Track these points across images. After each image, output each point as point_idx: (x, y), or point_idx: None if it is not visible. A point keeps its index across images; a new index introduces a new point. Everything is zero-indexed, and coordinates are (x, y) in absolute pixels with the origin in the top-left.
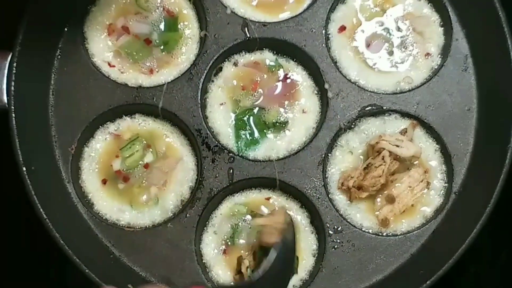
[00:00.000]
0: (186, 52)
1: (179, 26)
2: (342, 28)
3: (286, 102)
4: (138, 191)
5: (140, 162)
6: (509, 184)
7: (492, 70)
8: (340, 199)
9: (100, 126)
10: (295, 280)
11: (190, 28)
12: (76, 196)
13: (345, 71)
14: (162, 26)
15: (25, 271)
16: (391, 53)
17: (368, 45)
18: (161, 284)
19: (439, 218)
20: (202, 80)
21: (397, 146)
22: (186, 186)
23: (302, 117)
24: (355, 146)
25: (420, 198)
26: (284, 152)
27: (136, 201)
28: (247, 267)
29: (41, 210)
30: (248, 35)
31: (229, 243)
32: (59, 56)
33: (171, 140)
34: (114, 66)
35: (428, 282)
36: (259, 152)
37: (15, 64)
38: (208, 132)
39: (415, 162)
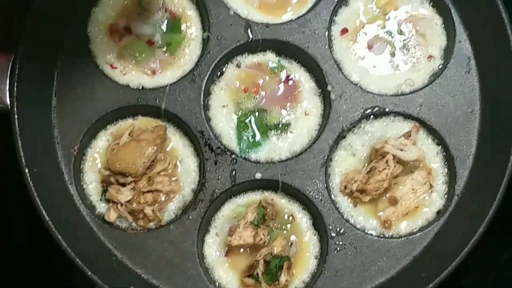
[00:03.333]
0: (189, 54)
1: (182, 28)
2: (345, 31)
3: (288, 104)
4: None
5: None
6: None
7: (495, 72)
8: (342, 201)
9: (103, 128)
10: (297, 282)
11: (192, 30)
12: (78, 198)
13: (348, 73)
14: (164, 27)
15: (27, 272)
16: (393, 55)
17: (370, 47)
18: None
19: (442, 221)
20: (204, 81)
21: (401, 150)
22: (189, 188)
23: (304, 119)
24: (358, 148)
25: (423, 200)
26: (286, 154)
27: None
28: (262, 273)
29: (44, 212)
30: (251, 37)
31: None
32: (62, 58)
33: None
34: (116, 68)
35: (431, 285)
36: (262, 154)
37: (18, 66)
38: (211, 133)
39: (419, 165)
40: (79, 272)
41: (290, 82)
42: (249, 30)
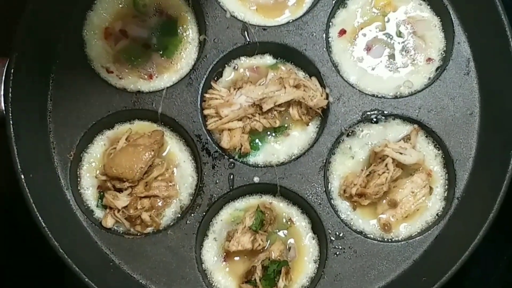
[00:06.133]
0: (186, 57)
1: (178, 30)
2: (343, 32)
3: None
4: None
5: None
6: None
7: (495, 74)
8: (341, 205)
9: (99, 132)
10: (296, 287)
11: (189, 32)
12: (75, 203)
13: (346, 75)
14: (160, 30)
15: (23, 278)
16: (392, 57)
17: (368, 49)
18: None
19: (442, 224)
20: (201, 85)
21: (401, 153)
22: (186, 193)
23: (302, 122)
24: (356, 151)
25: (422, 203)
26: (284, 157)
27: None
28: (260, 278)
29: (40, 218)
30: (248, 39)
31: None
32: (57, 62)
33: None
34: (112, 72)
35: None
36: (260, 157)
37: (12, 71)
38: (208, 137)
39: (418, 168)
40: (75, 277)
41: None
42: (246, 33)
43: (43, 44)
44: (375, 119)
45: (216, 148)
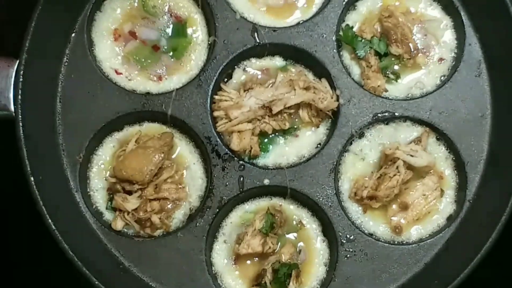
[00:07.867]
0: (195, 58)
1: (187, 32)
2: None
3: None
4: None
5: None
6: None
7: (506, 76)
8: (352, 207)
9: (108, 134)
10: None
11: (198, 34)
12: (84, 205)
13: (357, 77)
14: (170, 32)
15: (32, 281)
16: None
17: None
18: None
19: (453, 227)
20: (211, 86)
21: (412, 156)
22: (195, 195)
23: (313, 124)
24: (367, 153)
25: (434, 206)
26: (294, 159)
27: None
28: (270, 281)
29: (50, 221)
30: (257, 41)
31: None
32: (66, 63)
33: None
34: (121, 73)
35: None
36: (269, 159)
37: (22, 72)
38: (218, 139)
39: (429, 171)
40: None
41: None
42: (255, 34)
43: (52, 45)
44: (385, 121)
45: (226, 150)
